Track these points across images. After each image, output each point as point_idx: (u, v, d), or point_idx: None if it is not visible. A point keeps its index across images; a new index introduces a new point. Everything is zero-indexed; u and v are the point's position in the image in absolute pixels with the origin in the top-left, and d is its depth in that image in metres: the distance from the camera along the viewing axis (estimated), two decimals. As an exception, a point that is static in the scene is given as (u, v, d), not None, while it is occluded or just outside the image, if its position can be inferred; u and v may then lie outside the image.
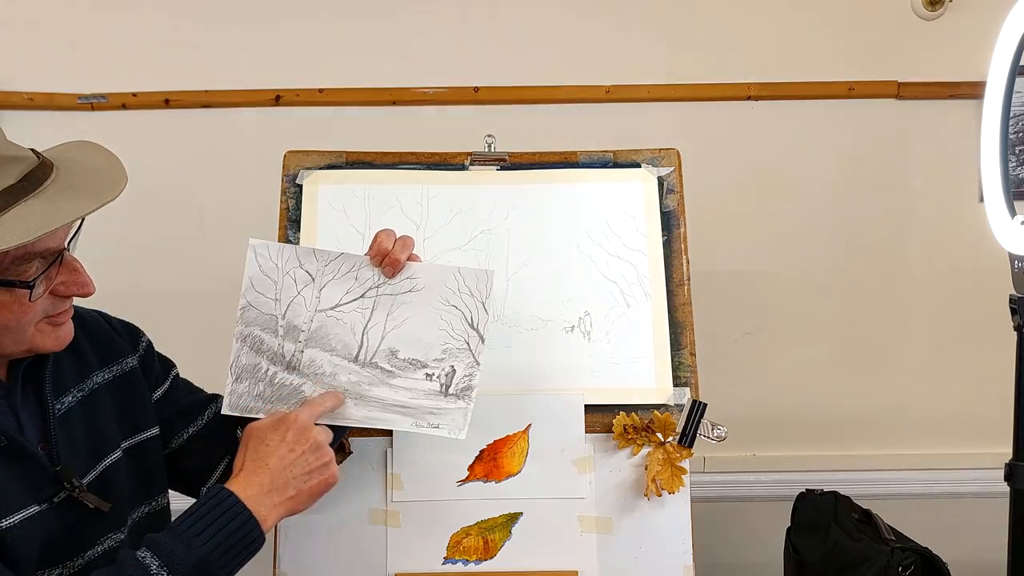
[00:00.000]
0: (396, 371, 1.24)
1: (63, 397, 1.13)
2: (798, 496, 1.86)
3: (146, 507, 1.22)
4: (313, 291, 1.25)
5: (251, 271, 1.25)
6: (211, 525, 1.03)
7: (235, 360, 1.24)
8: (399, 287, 1.26)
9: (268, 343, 1.24)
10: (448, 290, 1.26)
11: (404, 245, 1.25)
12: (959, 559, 1.69)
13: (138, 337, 1.28)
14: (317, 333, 1.25)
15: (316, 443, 1.13)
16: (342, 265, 1.26)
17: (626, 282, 1.47)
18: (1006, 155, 1.27)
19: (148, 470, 1.22)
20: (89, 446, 1.13)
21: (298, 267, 1.26)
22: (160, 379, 1.28)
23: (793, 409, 2.10)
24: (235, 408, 1.23)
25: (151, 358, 1.28)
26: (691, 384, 1.43)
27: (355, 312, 1.25)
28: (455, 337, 1.25)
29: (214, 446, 1.30)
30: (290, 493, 1.10)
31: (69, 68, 2.01)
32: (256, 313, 1.25)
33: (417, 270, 1.26)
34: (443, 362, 1.25)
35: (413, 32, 2.02)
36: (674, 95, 2.03)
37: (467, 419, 1.23)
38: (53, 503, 1.06)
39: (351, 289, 1.26)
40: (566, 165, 1.54)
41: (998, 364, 1.44)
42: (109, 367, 1.20)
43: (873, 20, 2.03)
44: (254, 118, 2.03)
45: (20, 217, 0.97)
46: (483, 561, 1.37)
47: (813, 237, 2.07)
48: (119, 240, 1.93)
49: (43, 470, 1.06)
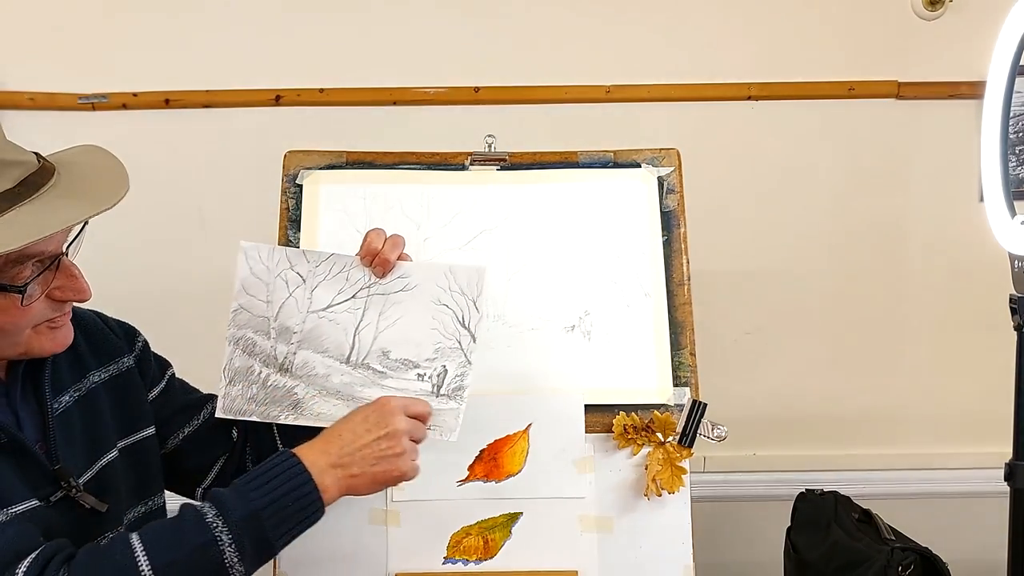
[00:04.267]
0: (388, 372, 1.24)
1: (61, 396, 1.13)
2: (798, 496, 1.86)
3: (142, 507, 1.22)
4: (305, 292, 1.25)
5: (242, 274, 1.25)
6: (269, 482, 1.03)
7: (228, 363, 1.24)
8: (390, 287, 1.25)
9: (261, 345, 1.24)
10: (439, 289, 1.25)
11: (394, 244, 1.24)
12: (959, 559, 1.69)
13: (134, 337, 1.28)
14: (310, 335, 1.25)
15: (395, 431, 1.10)
16: (333, 266, 1.25)
17: (626, 282, 1.47)
18: (1006, 155, 1.27)
19: (145, 470, 1.22)
20: (86, 445, 1.13)
21: (289, 269, 1.25)
22: (156, 379, 1.28)
23: (793, 409, 2.10)
24: (229, 411, 1.23)
25: (147, 358, 1.28)
26: (691, 384, 1.43)
27: (347, 313, 1.25)
28: (447, 336, 1.25)
29: (210, 446, 1.30)
30: (354, 471, 1.08)
31: (69, 68, 2.01)
32: (248, 316, 1.25)
33: (408, 269, 1.26)
34: (435, 362, 1.24)
35: (413, 32, 2.02)
36: (674, 95, 2.03)
37: (459, 420, 1.23)
38: (50, 502, 1.06)
39: (343, 289, 1.25)
40: (566, 165, 1.54)
41: (998, 364, 1.44)
42: (106, 367, 1.21)
43: (873, 20, 2.03)
44: (254, 118, 2.03)
45: (12, 222, 0.97)
46: (483, 561, 1.37)
47: (813, 237, 2.07)
48: (119, 240, 1.93)
49: (41, 468, 1.06)
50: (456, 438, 1.22)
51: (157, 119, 2.02)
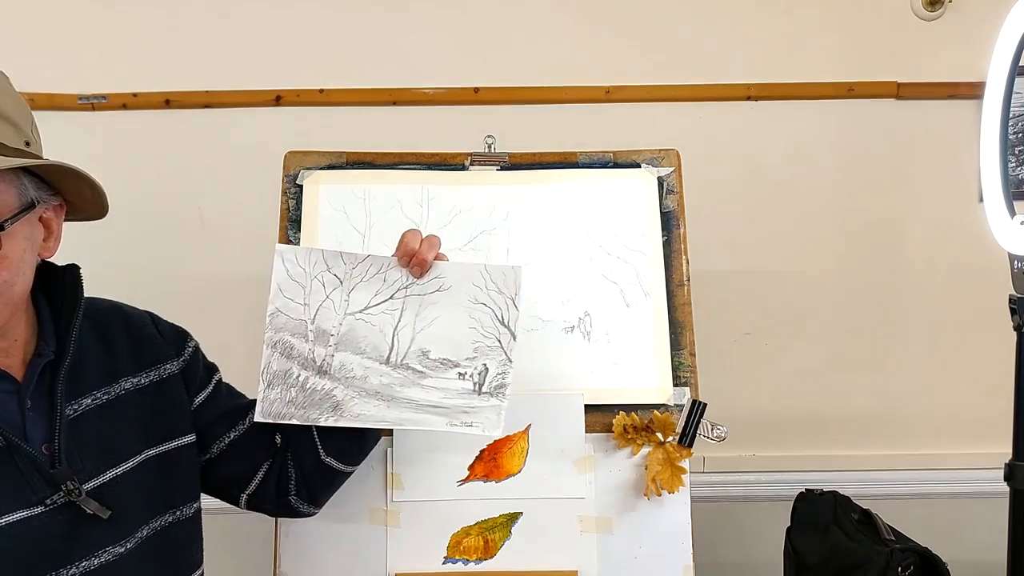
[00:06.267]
0: (428, 371, 1.24)
1: (81, 399, 1.11)
2: (798, 496, 1.86)
3: (171, 516, 1.18)
4: (342, 294, 1.24)
5: (279, 277, 1.24)
6: None
7: (266, 366, 1.23)
8: (427, 287, 1.25)
9: (298, 348, 1.23)
10: (476, 288, 1.25)
11: (431, 244, 1.23)
12: (959, 559, 1.69)
13: (185, 342, 1.25)
14: (347, 336, 1.24)
15: None
16: (370, 267, 1.25)
17: (626, 282, 1.47)
18: (1006, 155, 1.27)
19: (177, 479, 1.19)
20: (101, 451, 1.11)
21: (326, 271, 1.25)
22: (203, 384, 1.26)
23: (793, 409, 2.10)
24: (267, 415, 1.22)
25: (196, 364, 1.25)
26: (691, 384, 1.44)
27: (384, 314, 1.25)
28: (486, 335, 1.25)
29: (254, 452, 1.28)
30: None
31: (69, 68, 2.01)
32: (285, 319, 1.24)
33: (444, 269, 1.25)
34: (475, 360, 1.24)
35: (413, 32, 2.02)
36: (674, 95, 2.03)
37: (501, 417, 1.23)
38: (48, 506, 1.04)
39: (380, 291, 1.25)
40: (566, 165, 1.54)
41: (998, 364, 1.44)
42: (145, 372, 1.18)
43: (873, 20, 2.03)
44: (254, 118, 2.03)
45: None
46: (483, 561, 1.37)
47: (813, 237, 2.07)
48: (119, 240, 1.93)
49: (40, 471, 1.04)
50: (501, 433, 1.24)
51: (157, 119, 2.02)
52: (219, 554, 1.37)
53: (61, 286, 1.12)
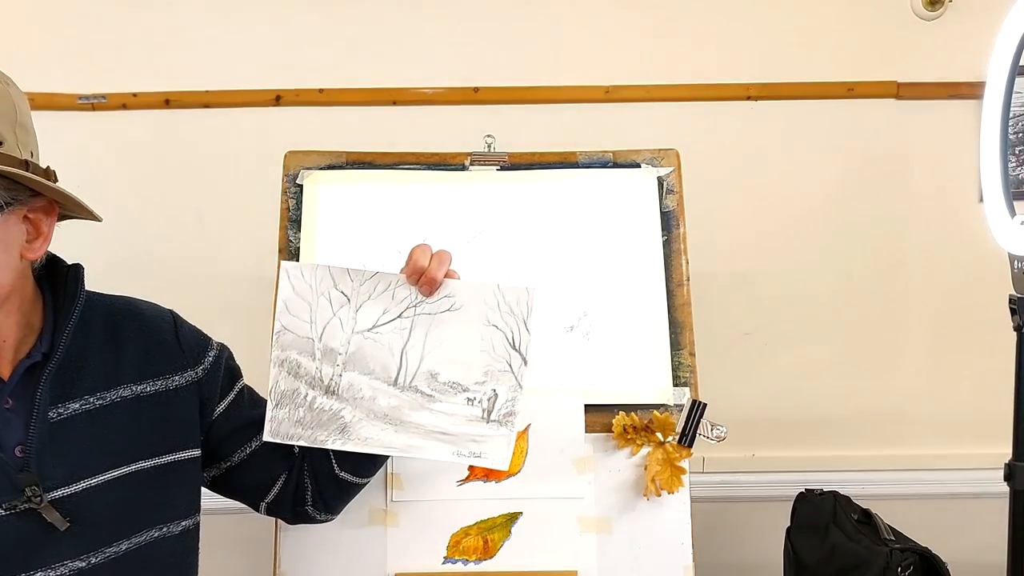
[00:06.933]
0: (436, 395, 1.20)
1: (69, 403, 1.07)
2: (797, 496, 1.86)
3: (156, 531, 1.13)
4: (349, 312, 1.20)
5: (284, 294, 1.20)
6: None
7: (274, 385, 1.20)
8: (437, 306, 1.20)
9: (306, 367, 1.20)
10: (488, 308, 1.20)
11: (440, 261, 1.17)
12: (959, 559, 1.69)
13: (204, 351, 1.22)
14: (355, 355, 1.20)
15: None
16: (378, 284, 1.20)
17: (626, 282, 1.47)
18: (1006, 155, 1.27)
19: (173, 492, 1.16)
20: (80, 459, 1.06)
21: (333, 287, 1.20)
22: (224, 392, 1.23)
23: (793, 409, 2.10)
24: (276, 435, 1.20)
25: (216, 372, 1.22)
26: (691, 384, 1.43)
27: (393, 333, 1.20)
28: (496, 359, 1.20)
29: (273, 462, 1.26)
30: None
31: (69, 68, 2.01)
32: (292, 337, 1.20)
33: (455, 287, 1.20)
34: (484, 385, 1.20)
35: (413, 32, 2.02)
36: (674, 95, 2.03)
37: (509, 448, 1.20)
38: (7, 511, 1.00)
39: (388, 309, 1.20)
40: (566, 165, 1.54)
41: (998, 364, 1.44)
42: (152, 380, 1.14)
43: (873, 20, 2.03)
44: (254, 118, 2.02)
45: None
46: (483, 561, 1.37)
47: (813, 237, 2.07)
48: (118, 240, 1.93)
49: (6, 474, 1.01)
50: (507, 465, 1.20)
51: (157, 119, 2.02)
52: (219, 554, 1.37)
53: (64, 287, 1.10)
